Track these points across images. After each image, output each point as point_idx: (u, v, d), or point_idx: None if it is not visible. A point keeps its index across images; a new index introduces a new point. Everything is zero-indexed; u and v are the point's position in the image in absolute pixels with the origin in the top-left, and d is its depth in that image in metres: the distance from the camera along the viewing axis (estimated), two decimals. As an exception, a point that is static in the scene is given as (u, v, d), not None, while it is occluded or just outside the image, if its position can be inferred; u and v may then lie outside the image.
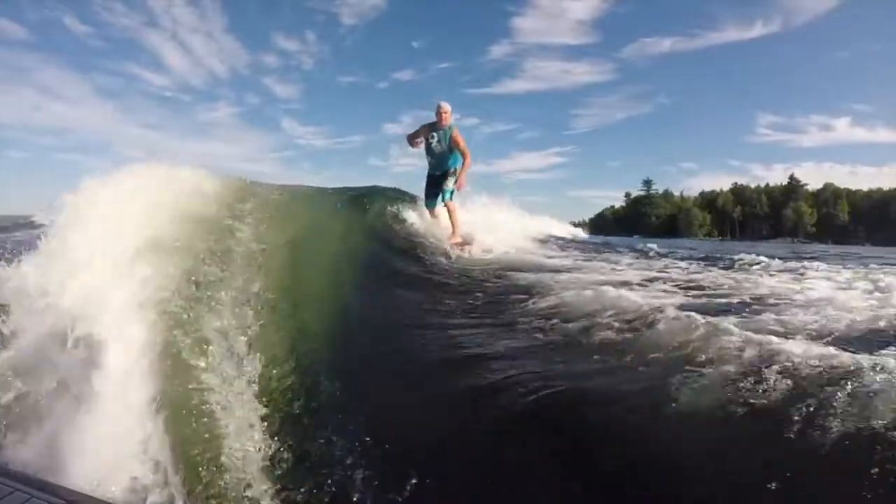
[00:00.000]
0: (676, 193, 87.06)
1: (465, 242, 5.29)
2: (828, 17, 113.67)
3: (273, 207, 4.41)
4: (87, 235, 2.40)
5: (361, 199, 6.04)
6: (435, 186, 5.63)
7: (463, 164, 5.38)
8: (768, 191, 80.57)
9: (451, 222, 5.49)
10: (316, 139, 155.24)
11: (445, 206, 5.52)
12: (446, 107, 5.41)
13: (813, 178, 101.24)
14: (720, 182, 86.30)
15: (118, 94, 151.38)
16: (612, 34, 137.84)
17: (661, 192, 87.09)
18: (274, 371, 2.44)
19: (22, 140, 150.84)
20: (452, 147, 5.43)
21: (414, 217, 5.67)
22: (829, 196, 75.89)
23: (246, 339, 2.58)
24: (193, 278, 2.79)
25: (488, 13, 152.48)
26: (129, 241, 2.56)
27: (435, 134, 5.46)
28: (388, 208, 5.79)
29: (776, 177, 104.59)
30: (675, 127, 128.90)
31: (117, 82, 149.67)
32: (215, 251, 3.18)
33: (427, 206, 5.76)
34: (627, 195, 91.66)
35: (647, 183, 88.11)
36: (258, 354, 2.48)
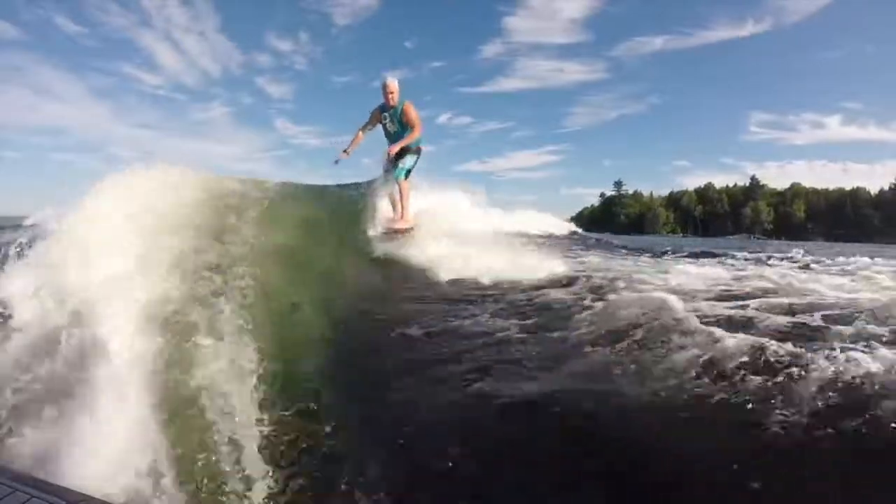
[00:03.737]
0: (646, 193, 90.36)
1: (409, 228, 5.07)
2: (818, 17, 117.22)
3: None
4: (85, 236, 2.37)
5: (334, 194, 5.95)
6: (394, 162, 5.36)
7: (414, 136, 5.07)
8: (730, 191, 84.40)
9: (401, 204, 5.26)
10: (310, 138, 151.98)
11: (398, 185, 5.22)
12: (392, 84, 4.96)
13: (806, 176, 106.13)
14: (713, 180, 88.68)
15: (112, 93, 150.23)
16: (604, 33, 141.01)
17: (630, 192, 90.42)
18: (275, 370, 2.34)
19: (17, 140, 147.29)
20: (406, 124, 5.11)
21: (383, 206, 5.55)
22: (789, 195, 79.78)
23: (244, 338, 2.48)
24: (191, 276, 2.64)
25: (480, 13, 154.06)
26: (130, 241, 2.50)
27: (386, 115, 5.16)
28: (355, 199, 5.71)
29: (769, 174, 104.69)
30: (668, 125, 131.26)
31: (111, 82, 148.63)
32: (210, 248, 3.05)
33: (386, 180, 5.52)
34: (602, 195, 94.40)
35: (618, 184, 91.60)
36: (257, 354, 2.36)
